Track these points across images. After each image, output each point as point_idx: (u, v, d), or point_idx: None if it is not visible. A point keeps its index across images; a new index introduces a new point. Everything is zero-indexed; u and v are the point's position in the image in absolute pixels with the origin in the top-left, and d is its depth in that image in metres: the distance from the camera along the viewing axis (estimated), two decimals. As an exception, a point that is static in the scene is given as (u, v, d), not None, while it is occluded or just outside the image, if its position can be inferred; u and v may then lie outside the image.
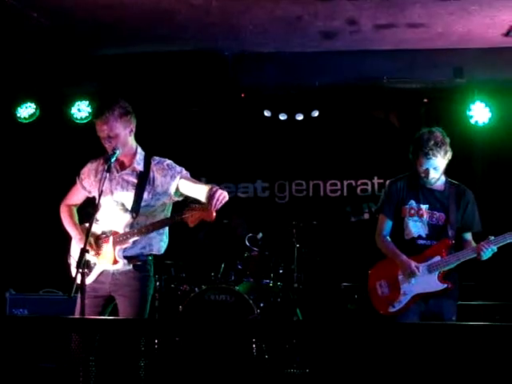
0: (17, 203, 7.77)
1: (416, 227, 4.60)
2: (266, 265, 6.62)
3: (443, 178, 4.70)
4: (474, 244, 4.59)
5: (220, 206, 3.91)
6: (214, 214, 3.94)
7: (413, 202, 4.63)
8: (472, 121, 7.32)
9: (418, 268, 4.50)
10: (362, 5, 5.75)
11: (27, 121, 7.65)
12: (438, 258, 4.52)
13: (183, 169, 4.38)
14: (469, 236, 4.69)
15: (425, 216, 4.60)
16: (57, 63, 7.09)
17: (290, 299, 6.70)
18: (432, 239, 4.57)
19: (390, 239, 4.71)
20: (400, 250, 4.61)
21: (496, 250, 4.44)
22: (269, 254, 6.66)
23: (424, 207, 4.61)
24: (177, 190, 4.31)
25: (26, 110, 7.64)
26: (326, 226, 7.49)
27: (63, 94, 7.62)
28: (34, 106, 7.64)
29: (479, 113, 7.29)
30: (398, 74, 6.99)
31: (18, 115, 7.63)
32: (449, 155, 4.58)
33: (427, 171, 4.55)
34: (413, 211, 4.62)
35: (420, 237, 4.59)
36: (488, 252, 4.42)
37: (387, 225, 4.72)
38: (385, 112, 7.84)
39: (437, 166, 4.54)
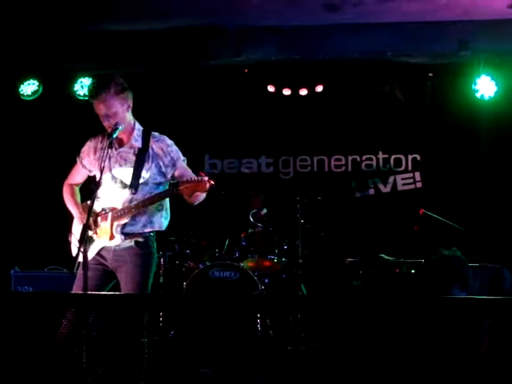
0: (21, 181, 7.76)
1: None
2: (270, 241, 6.62)
3: None
4: None
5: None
6: (208, 185, 4.03)
7: None
8: (478, 95, 7.24)
9: None
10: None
11: (30, 98, 7.60)
12: None
13: (181, 155, 4.41)
14: None
15: None
16: (59, 40, 7.03)
17: (294, 275, 6.70)
18: None
19: None
20: None
21: None
22: (273, 230, 6.65)
23: None
24: (172, 175, 4.38)
25: (29, 87, 7.58)
26: (331, 202, 7.46)
27: (66, 71, 7.56)
28: (37, 83, 7.59)
29: (485, 87, 7.21)
30: (402, 48, 6.87)
31: (22, 92, 7.58)
32: None
33: None
34: None
35: None
36: None
37: None
38: (390, 86, 7.75)
39: None
